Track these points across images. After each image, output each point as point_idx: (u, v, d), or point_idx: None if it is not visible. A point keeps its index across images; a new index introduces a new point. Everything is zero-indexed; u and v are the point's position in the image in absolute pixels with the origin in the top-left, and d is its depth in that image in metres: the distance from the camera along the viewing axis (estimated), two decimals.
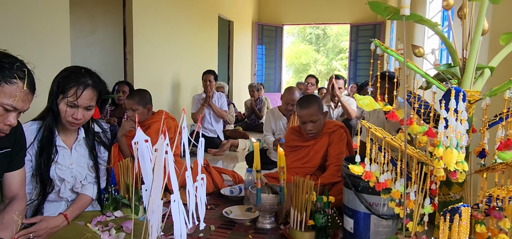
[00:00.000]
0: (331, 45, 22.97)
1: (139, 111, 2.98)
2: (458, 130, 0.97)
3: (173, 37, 5.54)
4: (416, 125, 1.17)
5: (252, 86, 7.08)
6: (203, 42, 6.70)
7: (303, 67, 23.68)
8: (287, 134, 2.82)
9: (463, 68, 1.15)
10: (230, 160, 4.46)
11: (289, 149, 2.76)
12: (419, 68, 1.17)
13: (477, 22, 1.08)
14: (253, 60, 9.83)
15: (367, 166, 1.16)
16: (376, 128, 1.16)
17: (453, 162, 0.94)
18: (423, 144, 1.29)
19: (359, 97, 1.22)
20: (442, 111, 0.98)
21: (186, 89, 6.00)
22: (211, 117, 4.95)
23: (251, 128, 6.90)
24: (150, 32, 4.91)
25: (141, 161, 1.22)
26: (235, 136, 5.50)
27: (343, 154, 2.57)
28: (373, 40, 1.18)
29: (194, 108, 4.92)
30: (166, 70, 5.41)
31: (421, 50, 1.22)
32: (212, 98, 4.92)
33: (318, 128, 2.60)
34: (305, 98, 2.62)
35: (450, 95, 0.98)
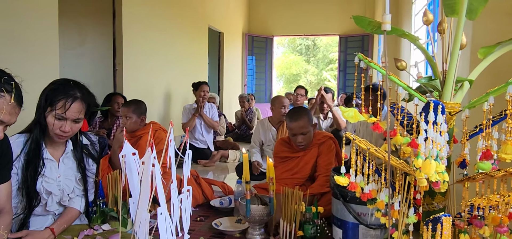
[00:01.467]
0: (321, 55, 23.22)
1: (132, 120, 2.97)
2: (438, 141, 1.00)
3: (164, 48, 5.55)
4: (399, 136, 1.19)
5: (243, 97, 7.10)
6: (194, 53, 6.72)
7: (293, 78, 23.83)
8: (277, 145, 2.83)
9: (444, 81, 1.18)
10: (221, 170, 4.46)
11: (278, 160, 2.77)
12: (401, 81, 1.20)
13: (455, 37, 1.12)
14: (243, 71, 9.87)
15: (352, 177, 1.18)
16: (360, 139, 1.19)
17: (432, 172, 0.97)
18: (407, 155, 1.32)
19: (344, 109, 1.24)
20: (422, 123, 1.01)
21: (177, 100, 5.99)
22: (202, 128, 4.95)
23: (242, 139, 6.89)
24: (140, 43, 4.92)
25: (128, 174, 1.23)
26: (226, 147, 5.50)
27: (332, 164, 2.60)
28: (356, 54, 1.21)
29: (185, 118, 4.92)
30: (157, 81, 5.40)
31: (404, 64, 1.26)
32: (204, 109, 4.93)
33: (308, 140, 2.62)
34: (296, 111, 2.65)
35: (429, 108, 1.01)
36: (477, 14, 1.18)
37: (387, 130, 1.12)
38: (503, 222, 1.13)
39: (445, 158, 1.07)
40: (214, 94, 6.27)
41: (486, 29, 1.84)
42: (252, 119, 7.00)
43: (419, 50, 1.36)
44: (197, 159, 4.72)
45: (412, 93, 1.20)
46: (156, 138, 2.97)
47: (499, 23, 1.82)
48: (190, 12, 6.45)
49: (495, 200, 1.10)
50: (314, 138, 2.68)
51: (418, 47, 1.25)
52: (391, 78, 1.17)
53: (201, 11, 6.99)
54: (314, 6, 9.69)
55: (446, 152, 1.07)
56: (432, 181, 1.03)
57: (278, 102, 3.81)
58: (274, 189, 2.22)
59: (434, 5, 3.82)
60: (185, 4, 6.23)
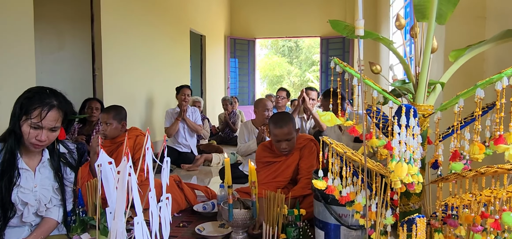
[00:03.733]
0: (303, 57, 23.38)
1: (113, 126, 2.93)
2: (411, 144, 1.03)
3: (144, 52, 5.49)
4: (375, 138, 1.21)
5: (226, 100, 7.09)
6: (175, 57, 6.68)
7: (277, 79, 23.92)
8: (259, 151, 2.84)
9: (417, 84, 1.21)
10: (204, 174, 4.44)
11: (261, 165, 2.78)
12: (376, 84, 1.22)
13: (426, 41, 1.14)
14: (226, 73, 9.86)
15: (330, 180, 1.19)
16: (337, 143, 1.20)
17: (404, 175, 0.99)
18: (384, 157, 1.35)
19: (321, 113, 1.26)
20: (395, 127, 1.03)
21: (159, 105, 5.94)
22: (185, 132, 4.92)
23: (226, 142, 6.88)
24: (119, 47, 4.85)
25: (105, 183, 1.21)
26: (209, 150, 5.48)
27: (313, 167, 2.62)
28: (332, 58, 1.23)
29: (168, 123, 4.88)
30: (138, 86, 5.34)
31: (378, 68, 1.28)
32: (186, 113, 4.90)
33: (292, 145, 2.63)
34: (280, 117, 2.63)
35: (401, 112, 1.03)
36: (446, 19, 1.21)
37: (363, 133, 1.14)
38: (476, 221, 1.16)
39: (419, 160, 1.10)
40: (199, 98, 6.25)
41: (458, 32, 1.89)
42: (236, 122, 7.00)
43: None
44: (181, 163, 4.69)
45: (387, 96, 1.22)
46: (136, 143, 2.94)
47: (470, 26, 1.88)
48: (171, 15, 6.41)
49: (468, 200, 1.13)
50: (296, 141, 2.70)
51: (392, 51, 1.28)
52: (366, 82, 1.19)
53: (182, 14, 6.95)
54: (295, 8, 9.76)
55: (420, 154, 1.09)
56: (406, 182, 1.05)
57: (261, 106, 3.82)
58: (257, 192, 2.23)
59: (410, 8, 3.91)
60: (165, 7, 6.19)
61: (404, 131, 1.03)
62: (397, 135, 1.03)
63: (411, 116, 1.03)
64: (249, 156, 3.88)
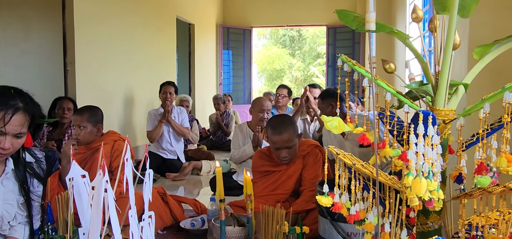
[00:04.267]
0: (307, 48, 23.40)
1: (87, 130, 2.92)
2: (429, 156, 1.03)
3: (124, 44, 5.48)
4: (389, 148, 1.22)
5: (218, 98, 7.09)
6: (160, 49, 6.67)
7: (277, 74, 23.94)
8: (255, 159, 2.84)
9: (436, 86, 1.22)
10: (193, 185, 4.43)
11: (258, 175, 2.78)
12: (389, 85, 1.22)
13: (447, 36, 1.15)
14: (218, 68, 9.85)
15: (336, 196, 1.19)
16: (345, 153, 1.20)
17: (422, 191, 0.99)
18: (399, 168, 1.35)
19: (326, 119, 1.26)
20: (411, 137, 1.04)
21: (141, 104, 5.93)
22: (171, 136, 4.92)
23: (218, 147, 6.88)
24: (95, 38, 4.84)
25: (77, 200, 1.21)
26: (198, 157, 5.47)
27: (318, 177, 2.62)
28: (339, 55, 1.23)
29: (150, 125, 4.87)
30: (116, 83, 5.33)
31: (392, 66, 1.28)
32: (171, 114, 4.89)
33: (293, 153, 2.63)
34: (279, 121, 2.62)
35: (418, 119, 1.04)
36: (470, 11, 1.21)
37: (374, 141, 1.14)
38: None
39: (439, 173, 1.10)
40: (187, 96, 6.24)
41: (484, 26, 1.89)
42: (229, 124, 7.00)
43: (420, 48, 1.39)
44: (165, 172, 4.68)
45: (401, 99, 1.22)
46: (115, 150, 2.93)
47: (498, 18, 1.88)
48: (154, 1, 6.40)
49: (495, 219, 1.14)
50: (299, 148, 2.70)
51: (408, 46, 1.28)
52: (378, 83, 1.19)
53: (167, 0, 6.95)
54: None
55: (439, 167, 1.10)
56: (424, 199, 1.06)
57: (257, 105, 3.82)
58: (253, 207, 2.23)
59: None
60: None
61: (422, 140, 1.03)
62: (413, 146, 1.03)
63: (429, 124, 1.03)
64: (244, 164, 3.88)
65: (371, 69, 1.09)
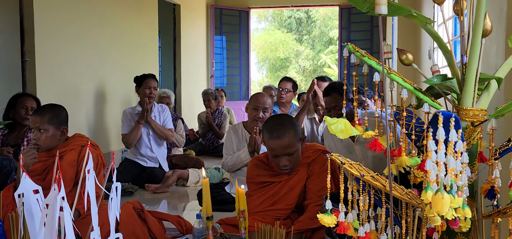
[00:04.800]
0: (317, 32, 23.39)
1: (49, 134, 2.92)
2: (451, 166, 1.02)
3: (94, 29, 5.47)
4: (406, 156, 1.21)
5: (208, 94, 7.07)
6: (138, 35, 6.66)
7: (281, 63, 23.95)
8: (250, 168, 2.82)
9: (463, 80, 1.21)
10: (178, 198, 4.43)
11: (253, 187, 2.77)
12: (406, 80, 1.22)
13: (475, 21, 1.14)
14: (209, 57, 9.84)
15: (342, 214, 1.19)
16: (352, 163, 1.20)
17: (445, 210, 0.98)
18: (419, 180, 1.34)
19: (331, 121, 1.25)
20: (430, 144, 1.03)
21: (115, 102, 5.91)
22: (151, 140, 4.91)
23: (208, 151, 6.86)
24: (59, 24, 4.83)
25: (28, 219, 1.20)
26: (185, 164, 5.45)
27: (326, 189, 2.60)
28: (345, 44, 1.23)
29: (126, 127, 4.85)
30: (85, 76, 5.32)
31: (410, 57, 1.28)
32: (152, 113, 4.88)
33: (295, 161, 2.62)
34: (277, 123, 2.60)
35: (437, 122, 1.03)
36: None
37: (387, 148, 1.13)
38: None
39: (465, 187, 1.09)
40: (168, 91, 6.23)
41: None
42: (222, 124, 6.99)
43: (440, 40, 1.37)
44: (144, 182, 4.67)
45: (421, 96, 1.22)
46: (82, 158, 2.93)
47: None
48: None
49: None
50: (302, 154, 2.68)
51: (428, 33, 1.28)
52: (392, 78, 1.19)
53: None
54: None
55: (465, 179, 1.09)
56: (448, 218, 1.05)
57: (252, 101, 3.80)
58: (247, 226, 2.23)
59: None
60: None
61: (443, 148, 1.03)
62: (432, 154, 1.02)
63: (451, 127, 1.03)
64: (240, 173, 3.87)
65: (382, 60, 1.08)
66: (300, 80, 23.37)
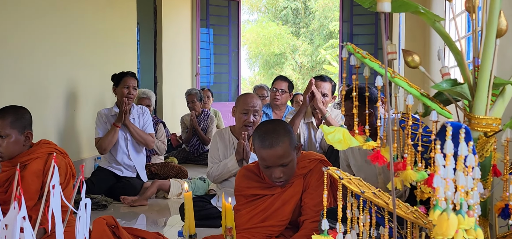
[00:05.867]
0: (316, 25, 23.48)
1: (11, 140, 2.90)
2: (461, 183, 1.03)
3: (62, 19, 5.44)
4: (411, 170, 1.21)
5: (193, 94, 7.07)
6: (114, 27, 6.63)
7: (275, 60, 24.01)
8: (239, 179, 2.82)
9: (475, 85, 1.22)
10: (158, 212, 4.42)
11: (243, 200, 2.77)
12: (412, 85, 1.22)
13: (489, 18, 1.14)
14: (194, 52, 9.83)
15: (340, 235, 1.19)
16: (351, 177, 1.20)
17: (451, 232, 0.99)
18: (427, 196, 1.35)
19: (327, 129, 1.25)
20: (438, 158, 1.03)
21: (87, 103, 5.88)
22: (128, 146, 4.89)
23: (193, 159, 6.86)
24: (24, 18, 4.79)
25: None
26: (166, 174, 5.43)
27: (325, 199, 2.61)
28: (345, 44, 1.23)
29: (101, 131, 4.83)
30: (53, 75, 5.28)
31: (416, 59, 1.28)
32: (130, 115, 4.87)
33: (290, 172, 2.62)
34: (269, 129, 2.59)
35: (446, 133, 1.03)
36: None
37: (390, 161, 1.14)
38: None
39: (477, 205, 1.10)
40: (148, 92, 6.22)
41: None
42: (209, 128, 6.99)
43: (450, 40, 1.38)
44: (120, 194, 4.65)
45: (428, 103, 1.22)
46: (48, 168, 2.91)
47: None
48: None
49: None
50: (298, 163, 2.69)
51: (437, 31, 1.28)
52: (396, 82, 1.19)
53: None
54: None
55: (477, 196, 1.09)
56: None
57: (239, 104, 3.78)
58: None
59: None
60: None
61: (452, 162, 1.03)
62: (440, 169, 1.03)
63: (461, 140, 1.03)
64: (227, 184, 3.87)
65: (386, 62, 1.09)
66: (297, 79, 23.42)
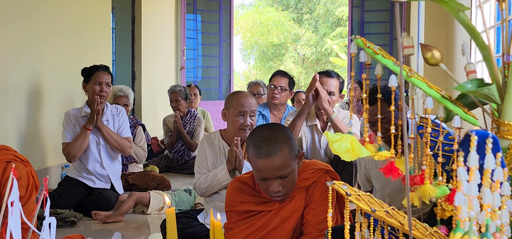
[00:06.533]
0: (321, 11, 23.53)
1: None
2: (488, 202, 1.03)
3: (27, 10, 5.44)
4: (430, 185, 1.22)
5: (177, 92, 7.07)
6: (84, 13, 6.63)
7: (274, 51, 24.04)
8: (231, 192, 2.82)
9: (504, 86, 1.22)
10: (135, 230, 4.43)
11: (235, 217, 2.77)
12: (431, 85, 1.22)
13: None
14: (179, 43, 9.83)
15: None
16: (360, 193, 1.20)
17: None
18: (449, 214, 1.35)
19: (333, 137, 1.26)
20: (461, 171, 1.03)
21: (53, 102, 5.88)
22: (101, 152, 4.89)
23: (177, 168, 6.87)
24: None
25: None
26: (145, 185, 5.44)
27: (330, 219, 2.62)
28: (353, 38, 1.23)
29: (69, 135, 4.83)
30: (13, 70, 5.27)
31: (436, 55, 1.28)
32: (103, 116, 4.87)
33: (290, 185, 2.61)
34: (266, 134, 2.58)
35: (470, 142, 1.03)
36: None
37: (406, 174, 1.14)
38: None
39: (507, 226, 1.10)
40: (124, 89, 6.21)
41: None
42: (195, 131, 7.00)
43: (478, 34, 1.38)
44: (92, 208, 4.65)
45: (449, 107, 1.22)
46: (6, 178, 2.92)
47: None
48: None
49: None
50: (299, 174, 2.69)
51: (461, 23, 1.28)
52: (413, 82, 1.19)
53: None
54: None
55: (506, 216, 1.09)
56: None
57: (233, 104, 3.75)
58: None
59: None
60: None
61: (476, 176, 1.03)
62: (463, 184, 1.03)
63: (488, 151, 1.03)
64: (217, 197, 3.86)
65: (401, 59, 1.09)
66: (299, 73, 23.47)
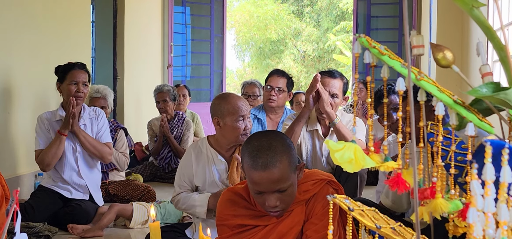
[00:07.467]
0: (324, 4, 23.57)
1: None
2: (504, 218, 1.03)
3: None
4: (442, 199, 1.22)
5: (164, 92, 7.08)
6: (61, 6, 6.64)
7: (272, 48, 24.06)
8: (223, 204, 2.82)
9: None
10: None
11: (227, 232, 2.78)
12: (443, 89, 1.23)
13: None
14: (165, 38, 9.83)
15: None
16: (364, 208, 1.21)
17: None
18: (462, 231, 1.35)
19: (334, 146, 1.26)
20: (474, 185, 1.04)
21: (25, 104, 5.87)
22: (78, 159, 4.90)
23: (163, 176, 6.88)
24: None
25: None
26: (128, 195, 5.44)
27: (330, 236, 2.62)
28: (357, 36, 1.23)
29: (42, 141, 4.83)
30: None
31: (448, 56, 1.29)
32: (80, 120, 4.87)
33: (289, 199, 2.60)
34: (263, 144, 2.56)
35: (484, 153, 1.04)
36: None
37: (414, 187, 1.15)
38: None
39: None
40: (103, 89, 6.21)
41: None
42: (183, 135, 7.01)
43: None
44: (68, 222, 4.65)
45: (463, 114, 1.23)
46: None
47: None
48: None
49: None
50: (299, 186, 2.69)
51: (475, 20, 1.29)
52: (422, 85, 1.20)
53: None
54: None
55: None
56: None
57: (230, 109, 3.71)
58: None
59: None
60: None
61: (492, 191, 1.04)
62: (477, 199, 1.03)
63: (504, 162, 1.04)
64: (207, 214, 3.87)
65: (409, 60, 1.09)
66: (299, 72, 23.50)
